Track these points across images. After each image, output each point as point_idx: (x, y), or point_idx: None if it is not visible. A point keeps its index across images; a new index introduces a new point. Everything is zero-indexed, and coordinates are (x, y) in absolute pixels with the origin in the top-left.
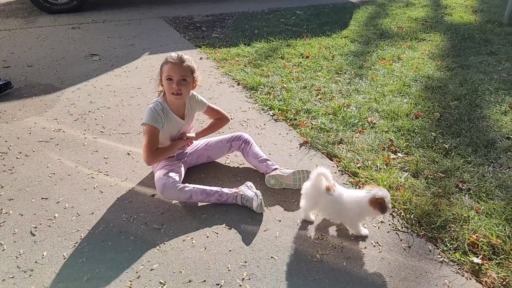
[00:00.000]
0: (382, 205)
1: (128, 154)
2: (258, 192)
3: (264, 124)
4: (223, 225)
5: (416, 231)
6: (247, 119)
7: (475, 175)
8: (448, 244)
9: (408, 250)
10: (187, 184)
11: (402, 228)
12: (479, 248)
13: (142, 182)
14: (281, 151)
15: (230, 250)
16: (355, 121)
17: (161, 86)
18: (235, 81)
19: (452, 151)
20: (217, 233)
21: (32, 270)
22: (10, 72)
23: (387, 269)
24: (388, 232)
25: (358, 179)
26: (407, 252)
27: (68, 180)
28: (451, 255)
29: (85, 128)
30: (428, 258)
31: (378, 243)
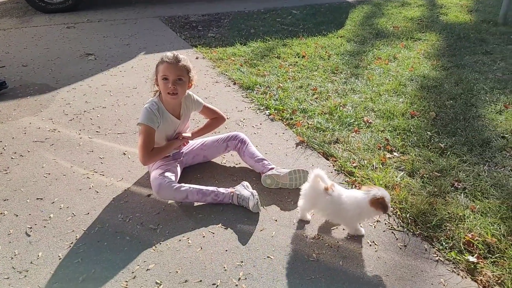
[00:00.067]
0: (384, 204)
1: (124, 154)
2: (254, 191)
3: (260, 123)
4: (219, 225)
5: (412, 230)
6: (243, 119)
7: (470, 174)
8: (444, 243)
9: (404, 249)
10: (183, 184)
11: (398, 227)
12: (475, 247)
13: (138, 182)
14: (277, 151)
15: (226, 250)
16: (351, 120)
17: (156, 86)
18: (231, 80)
19: (447, 150)
20: (213, 233)
21: (27, 271)
22: (5, 72)
23: (383, 268)
24: (384, 231)
25: (354, 178)
26: (403, 251)
27: (63, 180)
28: (447, 254)
29: (80, 128)
30: (424, 257)
31: (374, 242)
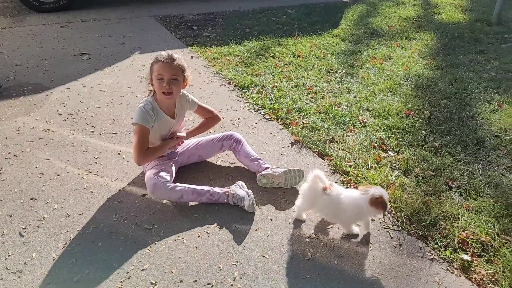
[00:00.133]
0: (383, 203)
1: (119, 154)
2: (250, 191)
3: (256, 123)
4: (215, 224)
5: (406, 229)
6: (238, 118)
7: (464, 173)
8: (438, 242)
9: (399, 248)
10: (178, 184)
11: (393, 226)
12: (469, 245)
13: (133, 182)
14: (272, 150)
15: (222, 250)
16: (346, 120)
17: (151, 85)
18: (226, 80)
19: (442, 149)
20: (208, 232)
21: (21, 272)
22: None
23: (378, 267)
24: (379, 230)
25: (349, 177)
26: (398, 250)
27: (57, 181)
28: (441, 252)
29: (74, 128)
30: (418, 256)
31: (369, 241)
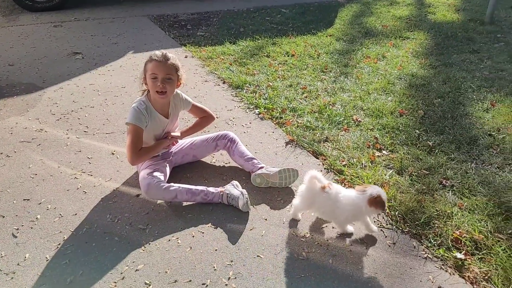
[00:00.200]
0: (382, 202)
1: (113, 154)
2: (244, 191)
3: (250, 122)
4: (209, 224)
5: (400, 228)
6: (233, 118)
7: (458, 171)
8: (432, 240)
9: (393, 246)
10: (172, 184)
11: (387, 225)
12: (462, 243)
13: (127, 182)
14: (267, 150)
15: (216, 250)
16: (341, 119)
17: (144, 85)
18: (221, 79)
19: (435, 148)
20: (202, 232)
21: (14, 273)
22: None
23: (372, 265)
24: None
25: (344, 177)
26: (392, 249)
27: (50, 181)
28: (435, 251)
29: (68, 127)
30: (412, 255)
31: (363, 240)
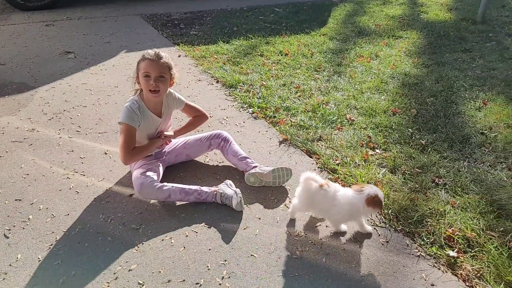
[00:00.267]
0: (379, 202)
1: (105, 153)
2: (238, 190)
3: (244, 122)
4: (203, 224)
5: (393, 226)
6: (226, 117)
7: (450, 170)
8: (425, 239)
9: (386, 245)
10: (165, 183)
11: (380, 223)
12: (455, 241)
13: (120, 182)
14: (260, 149)
15: (210, 249)
16: (334, 118)
17: (137, 84)
18: (214, 78)
19: (428, 146)
20: (196, 232)
21: (6, 274)
22: None
23: (366, 264)
24: None
25: (337, 175)
26: (385, 247)
27: (42, 181)
28: (428, 249)
29: (60, 127)
30: (405, 253)
31: (357, 238)
